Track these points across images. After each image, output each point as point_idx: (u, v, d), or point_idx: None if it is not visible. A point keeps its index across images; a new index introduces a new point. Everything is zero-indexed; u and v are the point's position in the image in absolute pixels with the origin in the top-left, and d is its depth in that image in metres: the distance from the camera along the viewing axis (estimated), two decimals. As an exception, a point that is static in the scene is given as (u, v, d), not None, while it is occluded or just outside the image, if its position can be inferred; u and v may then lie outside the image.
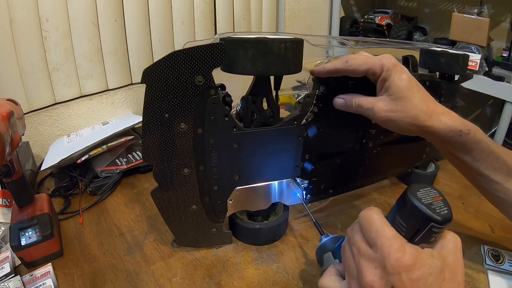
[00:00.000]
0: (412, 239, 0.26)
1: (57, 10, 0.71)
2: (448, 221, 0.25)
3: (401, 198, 0.27)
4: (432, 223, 0.25)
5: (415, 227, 0.26)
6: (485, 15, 1.08)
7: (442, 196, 0.27)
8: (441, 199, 0.26)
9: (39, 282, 0.43)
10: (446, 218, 0.25)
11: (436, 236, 0.26)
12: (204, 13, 0.95)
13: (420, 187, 0.27)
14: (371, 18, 1.35)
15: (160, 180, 0.42)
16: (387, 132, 0.43)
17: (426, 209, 0.25)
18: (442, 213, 0.25)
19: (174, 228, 0.46)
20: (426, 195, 0.26)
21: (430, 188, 0.27)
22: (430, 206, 0.25)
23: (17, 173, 0.45)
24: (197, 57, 0.37)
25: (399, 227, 0.27)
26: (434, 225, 0.25)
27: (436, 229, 0.25)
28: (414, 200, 0.26)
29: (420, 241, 0.26)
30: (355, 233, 0.29)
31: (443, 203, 0.26)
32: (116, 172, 0.65)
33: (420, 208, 0.25)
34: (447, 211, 0.25)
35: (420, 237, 0.26)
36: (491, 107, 1.41)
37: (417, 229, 0.26)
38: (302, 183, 0.49)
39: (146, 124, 0.39)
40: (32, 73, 0.71)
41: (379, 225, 0.27)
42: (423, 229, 0.25)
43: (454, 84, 0.61)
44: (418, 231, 0.26)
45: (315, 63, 0.78)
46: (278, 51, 0.37)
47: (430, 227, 0.25)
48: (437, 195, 0.27)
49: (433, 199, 0.26)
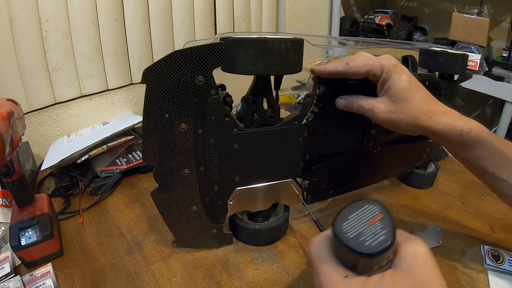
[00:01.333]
0: (355, 270, 0.24)
1: (57, 10, 0.71)
2: (383, 251, 0.21)
3: (331, 230, 0.24)
4: (364, 258, 0.22)
5: (351, 260, 0.23)
6: (485, 15, 1.08)
7: (385, 213, 0.23)
8: (379, 219, 0.23)
9: (39, 282, 0.43)
10: (379, 248, 0.21)
11: (380, 263, 0.23)
12: (204, 13, 0.95)
13: (352, 211, 0.23)
14: (371, 18, 1.35)
15: (160, 180, 0.42)
16: (388, 132, 0.43)
17: (353, 244, 0.22)
18: (374, 243, 0.21)
19: (174, 229, 0.46)
20: (356, 222, 0.23)
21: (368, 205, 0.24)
22: (358, 238, 0.22)
23: (17, 173, 0.45)
24: (198, 57, 0.37)
25: (340, 259, 0.25)
26: (366, 259, 0.22)
27: (372, 260, 0.22)
28: (339, 235, 0.23)
29: (363, 271, 0.23)
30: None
31: (381, 224, 0.22)
32: (116, 172, 0.65)
33: (347, 243, 0.22)
34: (383, 237, 0.22)
35: (361, 269, 0.23)
36: (491, 107, 1.41)
37: (352, 263, 0.23)
38: (302, 183, 0.49)
39: (146, 124, 0.39)
40: (32, 73, 0.71)
41: (315, 262, 0.26)
42: (358, 263, 0.23)
43: (453, 84, 0.61)
44: (355, 264, 0.23)
45: (315, 63, 0.78)
46: (278, 51, 0.37)
47: (363, 261, 0.22)
48: (373, 216, 0.23)
49: (366, 225, 0.22)
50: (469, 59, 0.59)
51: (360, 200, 0.24)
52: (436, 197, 0.62)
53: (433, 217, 0.55)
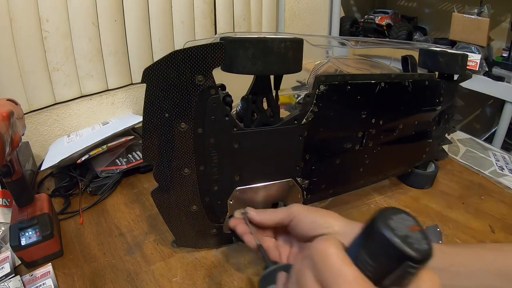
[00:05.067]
0: (381, 281, 0.20)
1: (57, 10, 0.71)
2: (428, 258, 0.20)
3: (368, 227, 0.21)
4: (408, 262, 0.19)
5: (386, 266, 0.20)
6: (485, 15, 1.08)
7: (419, 225, 0.21)
8: (418, 230, 0.21)
9: (39, 282, 0.43)
10: (426, 255, 0.19)
11: (412, 277, 0.21)
12: (204, 13, 0.95)
13: (393, 213, 0.21)
14: (371, 18, 1.35)
15: (160, 180, 0.42)
16: (388, 132, 0.43)
17: (401, 244, 0.19)
18: (421, 248, 0.19)
19: (174, 229, 0.46)
20: (401, 224, 0.20)
21: (405, 214, 0.21)
22: (405, 239, 0.19)
23: (17, 173, 0.45)
24: (198, 56, 0.37)
25: (364, 265, 0.21)
26: (411, 264, 0.19)
27: (412, 269, 0.20)
28: (386, 231, 0.20)
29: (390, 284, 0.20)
30: (305, 270, 0.22)
31: (421, 234, 0.20)
32: (116, 172, 0.65)
33: (394, 241, 0.19)
34: (427, 246, 0.20)
35: (391, 279, 0.20)
36: (491, 107, 1.41)
37: (388, 269, 0.20)
38: (302, 183, 0.49)
39: (146, 124, 0.39)
40: (32, 73, 0.71)
41: (336, 263, 0.21)
42: (396, 269, 0.20)
43: (453, 83, 0.61)
44: (389, 272, 0.20)
45: (315, 63, 0.78)
46: (278, 51, 0.37)
47: (404, 267, 0.20)
48: (413, 224, 0.21)
49: (409, 229, 0.20)
50: (469, 59, 0.59)
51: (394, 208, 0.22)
52: (436, 197, 0.62)
53: (433, 217, 0.55)
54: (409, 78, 0.52)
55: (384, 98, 0.50)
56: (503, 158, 0.77)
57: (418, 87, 0.53)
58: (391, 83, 0.50)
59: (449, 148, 0.78)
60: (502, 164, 0.74)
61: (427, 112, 0.58)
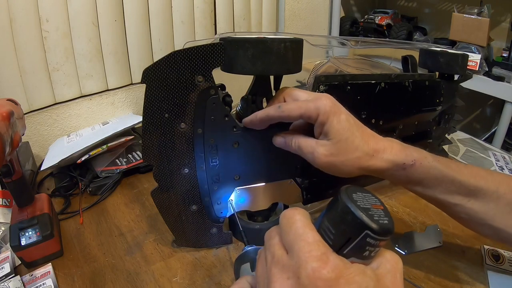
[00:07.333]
0: (341, 250, 0.21)
1: (57, 10, 0.71)
2: (387, 232, 0.20)
3: (333, 198, 0.22)
4: (367, 231, 0.20)
5: (346, 234, 0.21)
6: (485, 15, 1.08)
7: (384, 206, 0.22)
8: (382, 208, 0.22)
9: (39, 282, 0.43)
10: (386, 228, 0.20)
11: (372, 250, 0.21)
12: (204, 13, 0.95)
13: (358, 190, 0.22)
14: (371, 18, 1.35)
15: (160, 180, 0.42)
16: (388, 132, 0.43)
17: (361, 213, 0.20)
18: (381, 221, 0.20)
19: (174, 229, 0.46)
20: (364, 199, 0.22)
21: (371, 194, 0.23)
22: (367, 211, 0.21)
23: (17, 173, 0.45)
24: (197, 57, 0.37)
25: (326, 233, 0.22)
26: (370, 234, 0.20)
27: (371, 239, 0.20)
28: (348, 201, 0.21)
29: (350, 254, 0.21)
30: (273, 236, 0.24)
31: (383, 212, 0.21)
32: (116, 172, 0.65)
33: (354, 211, 0.20)
34: (387, 222, 0.21)
35: (350, 248, 0.21)
36: (491, 107, 1.41)
37: (348, 237, 0.21)
38: (302, 183, 0.49)
39: (146, 124, 0.39)
40: (32, 73, 0.71)
41: (300, 227, 0.22)
42: (355, 238, 0.21)
43: (453, 84, 0.61)
44: (349, 240, 0.21)
45: (315, 63, 0.78)
46: (277, 51, 0.37)
47: (364, 237, 0.20)
48: (377, 203, 0.22)
49: (372, 206, 0.21)
50: (469, 59, 0.59)
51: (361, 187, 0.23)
52: (436, 197, 0.62)
53: (433, 217, 0.55)
54: (409, 78, 0.52)
55: (384, 98, 0.50)
56: (503, 158, 0.77)
57: (418, 87, 0.53)
58: (391, 83, 0.50)
59: (449, 148, 0.78)
60: (502, 164, 0.74)
61: (427, 112, 0.58)
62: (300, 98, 0.38)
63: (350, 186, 0.23)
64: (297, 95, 0.38)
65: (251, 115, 0.39)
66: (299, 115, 0.35)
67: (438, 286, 0.42)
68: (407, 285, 0.42)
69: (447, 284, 0.43)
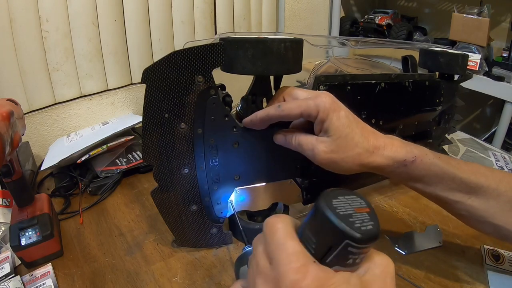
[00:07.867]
0: (324, 258, 0.21)
1: (57, 10, 0.71)
2: (370, 239, 0.19)
3: (314, 205, 0.21)
4: (347, 241, 0.19)
5: (327, 243, 0.20)
6: (485, 15, 1.08)
7: (370, 207, 0.21)
8: (367, 211, 0.21)
9: (39, 282, 0.43)
10: (368, 235, 0.19)
11: (356, 257, 0.20)
12: (204, 13, 0.95)
13: (340, 194, 0.21)
14: (371, 18, 1.35)
15: (160, 180, 0.42)
16: (388, 132, 0.43)
17: (339, 222, 0.19)
18: (363, 228, 0.19)
19: (174, 229, 0.46)
20: (346, 204, 0.21)
21: (356, 196, 0.22)
22: (346, 219, 0.20)
23: (17, 173, 0.45)
24: (197, 57, 0.37)
25: (308, 242, 0.21)
26: (350, 243, 0.19)
27: (353, 248, 0.19)
28: (326, 209, 0.20)
29: (333, 262, 0.20)
30: (258, 244, 0.24)
31: (368, 216, 0.20)
32: (116, 172, 0.65)
33: (332, 220, 0.19)
34: (371, 227, 0.20)
35: (332, 257, 0.20)
36: (491, 107, 1.41)
37: (328, 246, 0.20)
38: (302, 183, 0.49)
39: (146, 124, 0.39)
40: (32, 73, 0.71)
41: (281, 237, 0.22)
42: (336, 248, 0.20)
43: (453, 84, 0.61)
44: (330, 250, 0.20)
45: (315, 63, 0.78)
46: (278, 51, 0.37)
47: (345, 246, 0.19)
48: (362, 206, 0.21)
49: (354, 210, 0.20)
50: (469, 59, 0.59)
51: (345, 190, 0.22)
52: (436, 197, 0.62)
53: (433, 217, 0.55)
54: (409, 78, 0.52)
55: (384, 98, 0.50)
56: (503, 158, 0.77)
57: (418, 87, 0.53)
58: (391, 83, 0.50)
59: (449, 148, 0.78)
60: (502, 164, 0.74)
61: (427, 112, 0.58)
62: (299, 97, 0.38)
63: (332, 190, 0.22)
64: (297, 94, 0.38)
65: (251, 115, 0.39)
66: (299, 113, 0.35)
67: (438, 286, 0.42)
68: (407, 285, 0.42)
69: (447, 284, 0.43)
